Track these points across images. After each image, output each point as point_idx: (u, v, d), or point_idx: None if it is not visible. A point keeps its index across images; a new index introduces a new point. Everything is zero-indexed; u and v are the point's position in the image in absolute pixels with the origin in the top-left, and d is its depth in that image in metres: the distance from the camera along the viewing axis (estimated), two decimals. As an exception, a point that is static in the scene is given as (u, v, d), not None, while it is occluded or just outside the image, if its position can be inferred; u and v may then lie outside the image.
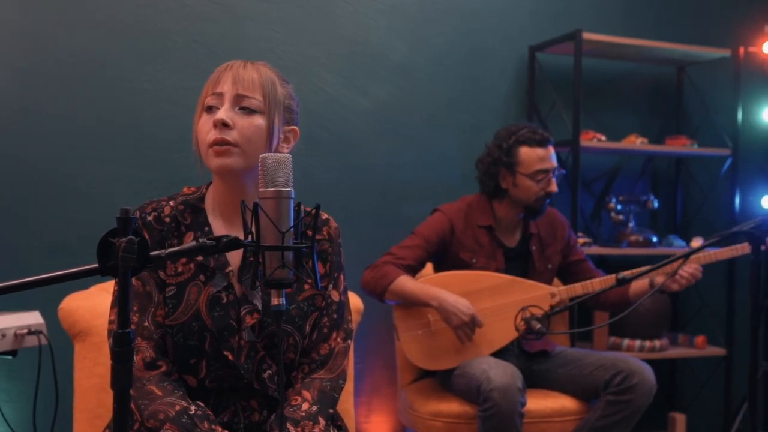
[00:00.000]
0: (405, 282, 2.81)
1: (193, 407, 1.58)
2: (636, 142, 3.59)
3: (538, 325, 2.51)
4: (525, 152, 2.89)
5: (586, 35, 3.41)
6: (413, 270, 2.91)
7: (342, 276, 1.82)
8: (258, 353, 1.68)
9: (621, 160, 3.96)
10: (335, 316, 1.77)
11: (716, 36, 3.89)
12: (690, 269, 2.79)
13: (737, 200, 3.74)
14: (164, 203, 1.70)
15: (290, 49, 3.33)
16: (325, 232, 1.78)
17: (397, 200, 3.51)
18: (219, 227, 1.72)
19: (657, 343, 3.58)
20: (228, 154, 1.62)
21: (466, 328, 2.77)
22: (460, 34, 3.62)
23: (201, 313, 1.65)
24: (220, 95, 1.65)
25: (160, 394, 1.58)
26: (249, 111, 1.64)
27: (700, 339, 3.70)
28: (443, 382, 2.94)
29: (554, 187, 2.90)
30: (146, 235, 1.65)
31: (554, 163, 2.91)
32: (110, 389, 1.13)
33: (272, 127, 1.66)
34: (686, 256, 2.41)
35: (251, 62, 1.70)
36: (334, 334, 1.76)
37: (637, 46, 3.57)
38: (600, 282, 2.88)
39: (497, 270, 2.94)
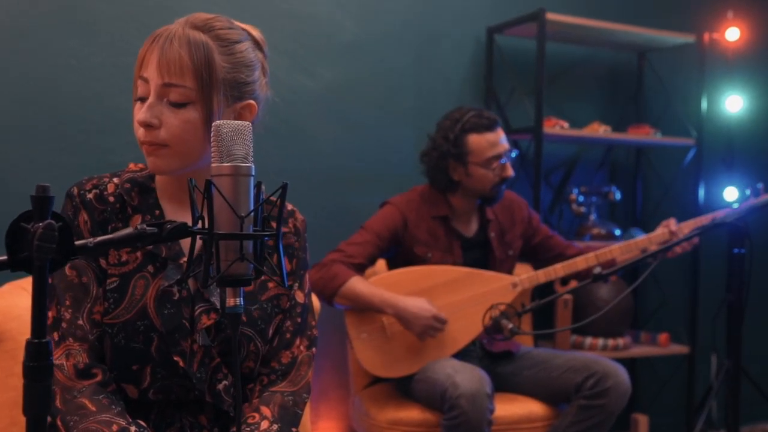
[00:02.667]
0: (357, 285, 2.60)
1: (133, 428, 1.34)
2: (599, 130, 3.44)
3: (510, 325, 2.32)
4: (474, 140, 2.71)
5: (550, 16, 3.24)
6: (364, 268, 2.71)
7: (307, 275, 1.60)
8: (213, 360, 1.44)
9: (580, 150, 3.83)
10: (299, 320, 1.55)
11: (677, 22, 3.79)
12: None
13: (702, 192, 3.64)
14: (107, 180, 1.46)
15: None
16: (291, 225, 1.57)
17: (344, 190, 3.30)
18: (172, 211, 1.48)
19: (620, 341, 3.45)
20: (158, 155, 1.39)
21: (430, 330, 2.56)
22: (413, 12, 3.42)
23: (148, 311, 1.41)
24: (147, 81, 1.39)
25: (93, 409, 1.34)
26: (178, 104, 1.37)
27: (663, 337, 3.60)
28: (401, 388, 2.74)
29: (510, 172, 2.74)
30: (86, 216, 1.41)
31: (506, 145, 2.75)
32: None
33: (210, 115, 1.38)
34: (669, 247, 2.30)
35: (182, 29, 1.39)
36: (298, 341, 1.54)
37: (601, 29, 3.42)
38: (563, 267, 2.74)
39: (455, 263, 2.75)
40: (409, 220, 2.75)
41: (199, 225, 1.05)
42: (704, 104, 3.63)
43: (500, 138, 2.73)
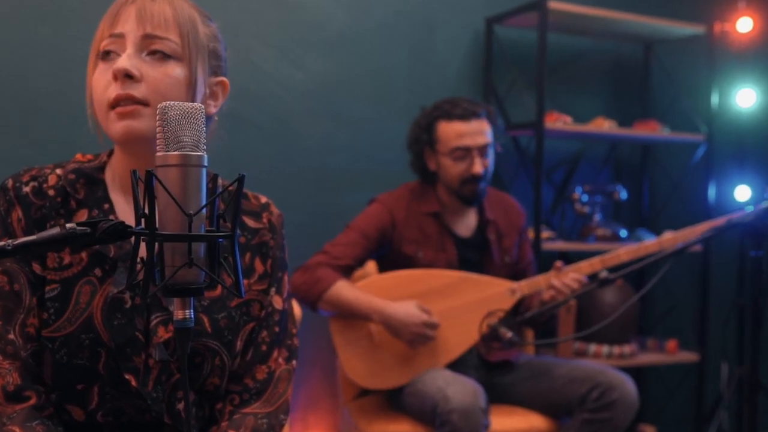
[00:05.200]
0: (343, 290, 2.45)
1: None
2: (604, 126, 3.31)
3: (509, 334, 2.17)
4: (443, 127, 2.58)
5: (552, 5, 3.12)
6: (351, 270, 2.56)
7: (286, 277, 1.43)
8: (171, 377, 1.27)
9: (583, 147, 3.71)
10: (277, 329, 1.38)
11: (686, 12, 3.66)
12: (567, 280, 2.44)
13: (712, 191, 3.50)
14: (48, 171, 1.30)
15: (216, 15, 2.85)
16: (265, 220, 1.40)
17: (334, 188, 3.20)
18: (124, 206, 1.32)
19: (626, 348, 3.31)
20: (135, 116, 1.22)
21: (421, 338, 2.40)
22: (407, 2, 3.31)
23: (94, 322, 1.24)
24: (121, 37, 1.24)
25: None
26: (162, 56, 1.24)
27: (671, 344, 3.46)
28: (392, 400, 2.58)
29: (477, 168, 2.54)
30: (20, 213, 1.26)
31: (480, 140, 2.55)
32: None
33: (194, 78, 1.26)
34: (675, 253, 2.14)
35: None
36: (275, 353, 1.37)
37: (605, 19, 3.30)
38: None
39: (448, 263, 2.59)
40: (398, 219, 2.61)
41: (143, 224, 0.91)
42: (715, 98, 3.51)
43: (473, 129, 2.55)
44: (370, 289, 2.50)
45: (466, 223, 2.69)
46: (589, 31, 3.51)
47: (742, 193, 3.59)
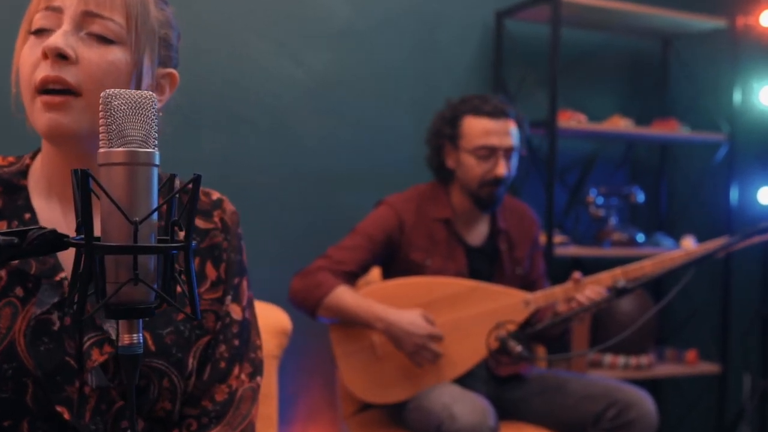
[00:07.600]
0: (343, 295, 2.32)
1: None
2: (620, 125, 3.23)
3: (518, 348, 2.04)
4: (469, 123, 2.44)
5: None
6: (354, 277, 2.44)
7: (245, 282, 1.27)
8: (113, 405, 1.12)
9: (598, 147, 3.62)
10: (237, 342, 1.23)
11: (706, 5, 3.56)
12: (587, 292, 2.28)
13: (735, 193, 3.39)
14: None
15: (210, 8, 2.89)
16: (216, 219, 1.25)
17: (336, 190, 3.13)
18: (50, 215, 1.17)
19: (643, 359, 3.19)
20: (63, 109, 1.06)
21: (425, 351, 2.26)
22: None
23: (17, 348, 1.09)
24: (58, 11, 1.08)
25: None
26: (103, 39, 1.08)
27: (691, 354, 3.34)
28: (394, 415, 2.44)
29: (501, 170, 2.41)
30: None
31: (508, 142, 2.43)
32: None
33: (140, 67, 1.10)
34: (701, 259, 2.00)
35: None
36: (236, 370, 1.22)
37: (622, 13, 3.22)
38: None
39: (457, 273, 2.47)
40: (406, 223, 2.48)
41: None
42: (737, 96, 3.41)
43: (501, 130, 2.43)
44: (373, 297, 2.38)
45: (477, 232, 2.56)
46: (604, 25, 3.45)
47: (766, 195, 3.45)
